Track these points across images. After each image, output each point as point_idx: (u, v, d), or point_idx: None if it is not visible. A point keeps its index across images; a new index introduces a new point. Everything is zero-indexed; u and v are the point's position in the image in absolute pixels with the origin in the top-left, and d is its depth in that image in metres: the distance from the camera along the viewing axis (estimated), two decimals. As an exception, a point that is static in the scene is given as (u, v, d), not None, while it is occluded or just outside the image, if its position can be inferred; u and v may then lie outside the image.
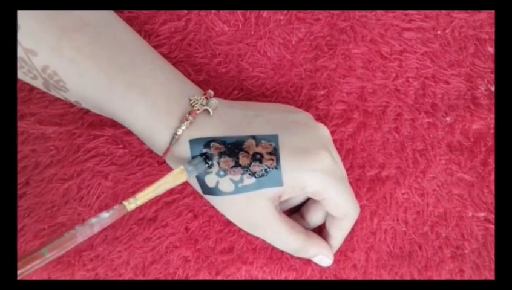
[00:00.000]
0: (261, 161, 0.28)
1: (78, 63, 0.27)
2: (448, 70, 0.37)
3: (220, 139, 0.29)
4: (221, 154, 0.28)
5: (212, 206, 0.32)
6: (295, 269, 0.33)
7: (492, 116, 0.36)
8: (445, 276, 0.34)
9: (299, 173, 0.29)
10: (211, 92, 0.31)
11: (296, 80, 0.36)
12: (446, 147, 0.36)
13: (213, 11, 0.35)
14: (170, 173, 0.28)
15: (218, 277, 0.33)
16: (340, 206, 0.30)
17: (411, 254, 0.35)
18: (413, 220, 0.35)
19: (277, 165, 0.28)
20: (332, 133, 0.34)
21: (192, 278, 0.33)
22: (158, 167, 0.33)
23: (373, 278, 0.34)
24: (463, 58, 0.37)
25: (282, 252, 0.33)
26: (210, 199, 0.31)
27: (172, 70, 0.31)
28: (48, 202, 0.32)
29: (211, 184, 0.29)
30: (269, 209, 0.29)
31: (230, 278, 0.33)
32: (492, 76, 0.37)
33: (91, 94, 0.28)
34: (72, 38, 0.27)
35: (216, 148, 0.28)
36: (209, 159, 0.28)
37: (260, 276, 0.33)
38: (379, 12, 0.37)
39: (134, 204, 0.26)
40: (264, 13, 0.36)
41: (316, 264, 0.33)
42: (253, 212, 0.29)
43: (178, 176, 0.28)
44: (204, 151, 0.29)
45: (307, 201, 0.33)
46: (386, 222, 0.35)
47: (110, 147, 0.33)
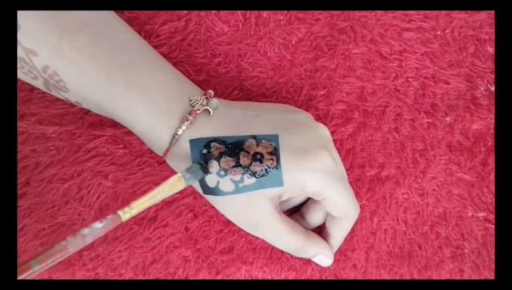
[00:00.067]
0: (261, 160, 0.28)
1: (79, 63, 0.27)
2: (448, 70, 0.37)
3: (221, 139, 0.29)
4: (222, 154, 0.28)
5: (212, 206, 0.32)
6: (294, 269, 0.33)
7: (492, 116, 0.36)
8: (444, 276, 0.34)
9: (299, 173, 0.29)
10: (211, 92, 0.31)
11: (296, 80, 0.36)
12: (446, 147, 0.36)
13: (213, 12, 0.35)
14: (167, 181, 0.27)
15: (218, 277, 0.33)
16: (340, 206, 0.30)
17: (411, 253, 0.35)
18: (413, 220, 0.35)
19: (277, 165, 0.28)
20: (332, 133, 0.34)
21: (192, 278, 0.33)
22: (158, 167, 0.33)
23: (373, 278, 0.34)
24: (463, 58, 0.37)
25: (282, 252, 0.33)
26: (211, 198, 0.31)
27: (172, 71, 0.31)
28: (48, 202, 0.32)
29: (211, 184, 0.29)
30: (269, 209, 0.29)
31: (230, 278, 0.33)
32: (492, 76, 0.37)
33: (91, 94, 0.28)
34: (72, 38, 0.27)
35: (216, 148, 0.29)
36: (206, 167, 0.28)
37: (260, 276, 0.33)
38: (378, 12, 0.37)
39: (128, 214, 0.26)
40: (264, 13, 0.36)
41: (316, 264, 0.33)
42: (254, 212, 0.29)
43: (175, 184, 0.27)
44: (204, 152, 0.28)
45: (307, 201, 0.33)
46: (386, 221, 0.35)
47: (110, 147, 0.33)
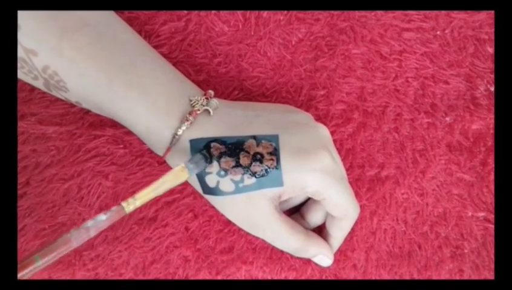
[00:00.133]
0: (261, 161, 0.28)
1: (79, 63, 0.27)
2: (448, 70, 0.37)
3: (221, 139, 0.29)
4: (222, 154, 0.28)
5: (212, 206, 0.32)
6: (294, 269, 0.33)
7: (492, 116, 0.36)
8: (444, 276, 0.34)
9: (299, 173, 0.29)
10: (211, 92, 0.31)
11: (296, 80, 0.36)
12: (446, 147, 0.36)
13: (213, 12, 0.35)
14: (170, 172, 0.27)
15: (218, 277, 0.33)
16: (340, 206, 0.30)
17: (410, 253, 0.35)
18: (413, 220, 0.35)
19: (277, 165, 0.28)
20: (332, 133, 0.34)
21: (192, 278, 0.33)
22: (159, 167, 0.33)
23: (373, 277, 0.34)
24: (463, 58, 0.37)
25: (282, 252, 0.33)
26: (211, 199, 0.31)
27: (172, 71, 0.31)
28: (48, 202, 0.32)
29: (212, 184, 0.29)
30: (269, 209, 0.29)
31: (230, 277, 0.33)
32: (492, 76, 0.37)
33: (92, 94, 0.29)
34: (72, 38, 0.27)
35: (216, 149, 0.29)
36: (208, 156, 0.28)
37: (260, 276, 0.33)
38: (378, 12, 0.37)
39: (132, 205, 0.25)
40: (264, 13, 0.36)
41: (316, 264, 0.33)
42: (254, 212, 0.29)
43: (179, 174, 0.27)
44: (204, 152, 0.29)
45: (307, 201, 0.33)
46: (386, 221, 0.35)
47: (110, 147, 0.33)
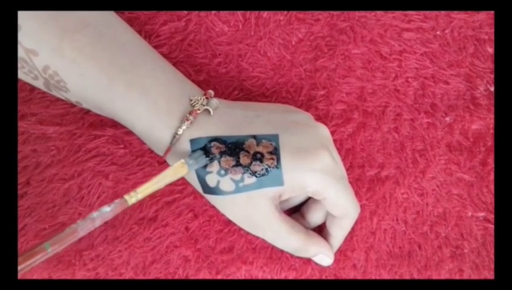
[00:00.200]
0: (261, 160, 0.28)
1: (79, 64, 0.27)
2: (448, 70, 0.37)
3: (221, 139, 0.29)
4: (222, 153, 0.29)
5: (212, 206, 0.32)
6: (294, 269, 0.33)
7: (492, 117, 0.36)
8: (444, 275, 0.34)
9: (299, 172, 0.29)
10: (211, 92, 0.31)
11: (296, 80, 0.36)
12: (446, 147, 0.36)
13: (214, 12, 0.35)
14: (171, 167, 0.28)
15: (218, 277, 0.33)
16: (340, 206, 0.30)
17: (410, 253, 0.35)
18: (413, 219, 0.35)
19: (278, 165, 0.28)
20: (332, 133, 0.34)
21: (192, 278, 0.33)
22: (159, 167, 0.33)
23: (373, 277, 0.34)
24: (463, 58, 0.37)
25: (282, 251, 0.33)
26: (211, 198, 0.31)
27: (172, 71, 0.31)
28: (48, 202, 0.32)
29: (212, 183, 0.29)
30: (269, 209, 0.29)
31: (231, 277, 0.33)
32: (492, 76, 0.37)
33: (92, 94, 0.29)
34: (73, 38, 0.27)
35: (217, 148, 0.29)
36: (209, 153, 0.28)
37: (260, 275, 0.33)
38: (378, 12, 0.37)
39: (134, 198, 0.26)
40: (264, 14, 0.36)
41: (316, 264, 0.33)
42: (254, 211, 0.29)
43: (178, 170, 0.28)
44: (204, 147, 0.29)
45: (307, 200, 0.33)
46: (386, 221, 0.35)
47: (111, 147, 0.33)
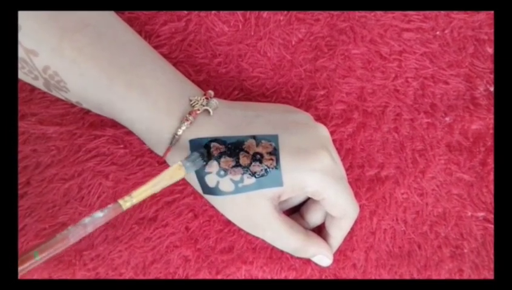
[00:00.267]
0: (261, 160, 0.29)
1: (79, 64, 0.27)
2: (447, 70, 0.37)
3: (220, 139, 0.29)
4: (222, 154, 0.29)
5: (212, 206, 0.32)
6: (294, 269, 0.33)
7: (491, 117, 0.36)
8: (444, 275, 0.34)
9: (298, 173, 0.29)
10: (211, 92, 0.31)
11: (296, 80, 0.36)
12: (446, 147, 0.36)
13: (214, 12, 0.35)
14: (167, 170, 0.27)
15: (218, 277, 0.33)
16: (339, 206, 0.30)
17: (410, 253, 0.35)
18: (412, 219, 0.35)
19: (277, 165, 0.28)
20: (332, 133, 0.34)
21: (192, 278, 0.33)
22: (159, 167, 0.33)
23: (373, 277, 0.34)
24: (462, 58, 0.37)
25: (282, 251, 0.33)
26: (211, 198, 0.31)
27: (172, 71, 0.31)
28: (48, 202, 0.32)
29: (211, 184, 0.29)
30: (268, 209, 0.29)
31: (231, 277, 0.33)
32: (491, 76, 0.37)
33: (92, 94, 0.29)
34: (73, 39, 0.27)
35: (216, 148, 0.29)
36: (206, 156, 0.28)
37: (260, 275, 0.33)
38: (378, 13, 0.37)
39: (129, 202, 0.25)
40: (264, 14, 0.36)
41: (316, 264, 0.33)
42: (253, 212, 0.29)
43: (175, 173, 0.27)
44: (204, 152, 0.29)
45: (307, 201, 0.33)
46: (385, 221, 0.35)
47: (111, 147, 0.33)
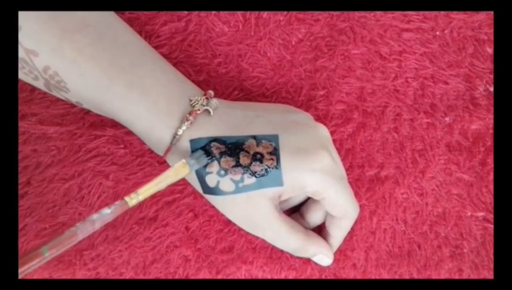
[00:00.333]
0: (261, 160, 0.29)
1: (80, 64, 0.27)
2: (447, 70, 0.37)
3: (221, 139, 0.29)
4: (222, 154, 0.29)
5: (212, 206, 0.32)
6: (294, 269, 0.34)
7: (491, 117, 0.36)
8: (444, 275, 0.34)
9: (299, 172, 0.29)
10: (211, 92, 0.31)
11: (296, 81, 0.36)
12: (445, 147, 0.36)
13: (214, 12, 0.36)
14: (172, 167, 0.27)
15: (219, 276, 0.33)
16: (339, 206, 0.30)
17: (410, 253, 0.35)
18: (412, 219, 0.35)
19: (277, 165, 0.28)
20: (332, 133, 0.34)
21: (192, 278, 0.33)
22: (159, 167, 0.33)
23: (373, 277, 0.34)
24: (462, 58, 0.37)
25: (282, 251, 0.33)
26: (211, 198, 0.31)
27: (172, 71, 0.31)
28: (49, 202, 0.32)
29: (212, 184, 0.29)
30: (269, 209, 0.29)
31: (231, 277, 0.33)
32: (491, 76, 0.37)
33: (92, 95, 0.29)
34: (73, 39, 0.27)
35: (217, 148, 0.29)
36: (209, 153, 0.28)
37: (260, 275, 0.33)
38: (378, 13, 0.37)
39: (135, 199, 0.26)
40: (264, 14, 0.36)
41: (316, 264, 0.33)
42: (254, 212, 0.29)
43: (180, 170, 0.27)
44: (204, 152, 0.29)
45: (307, 201, 0.33)
46: (385, 221, 0.35)
47: (111, 147, 0.33)
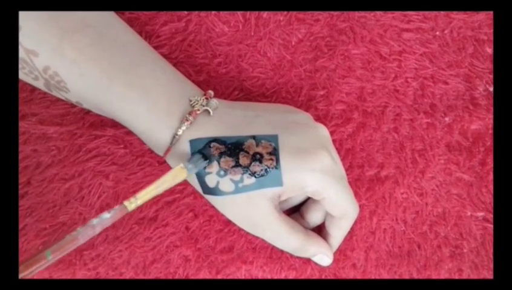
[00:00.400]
0: (261, 160, 0.29)
1: (80, 64, 0.27)
2: (447, 70, 0.37)
3: (220, 139, 0.29)
4: (222, 154, 0.29)
5: (212, 206, 0.32)
6: (294, 269, 0.34)
7: (491, 117, 0.36)
8: (443, 275, 0.34)
9: (298, 172, 0.29)
10: (211, 92, 0.31)
11: (296, 81, 0.36)
12: (445, 147, 0.36)
13: (214, 12, 0.36)
14: (169, 172, 0.27)
15: (219, 276, 0.33)
16: (339, 206, 0.30)
17: (410, 253, 0.35)
18: (412, 219, 0.35)
19: (277, 165, 0.28)
20: (331, 133, 0.34)
21: (192, 278, 0.33)
22: (159, 167, 0.33)
23: (372, 277, 0.34)
24: (462, 58, 0.37)
25: (282, 251, 0.33)
26: (211, 198, 0.31)
27: (172, 71, 0.31)
28: (49, 202, 0.32)
29: (211, 184, 0.29)
30: (268, 209, 0.29)
31: (231, 277, 0.33)
32: (491, 76, 0.37)
33: (92, 95, 0.29)
34: (73, 39, 0.27)
35: (216, 148, 0.29)
36: (207, 156, 0.28)
37: (260, 275, 0.33)
38: (378, 13, 0.37)
39: (134, 204, 0.26)
40: (264, 14, 0.36)
41: (316, 264, 0.33)
42: (253, 212, 0.29)
43: (178, 174, 0.27)
44: (204, 152, 0.29)
45: (307, 201, 0.33)
46: (385, 221, 0.35)
47: (111, 147, 0.33)
